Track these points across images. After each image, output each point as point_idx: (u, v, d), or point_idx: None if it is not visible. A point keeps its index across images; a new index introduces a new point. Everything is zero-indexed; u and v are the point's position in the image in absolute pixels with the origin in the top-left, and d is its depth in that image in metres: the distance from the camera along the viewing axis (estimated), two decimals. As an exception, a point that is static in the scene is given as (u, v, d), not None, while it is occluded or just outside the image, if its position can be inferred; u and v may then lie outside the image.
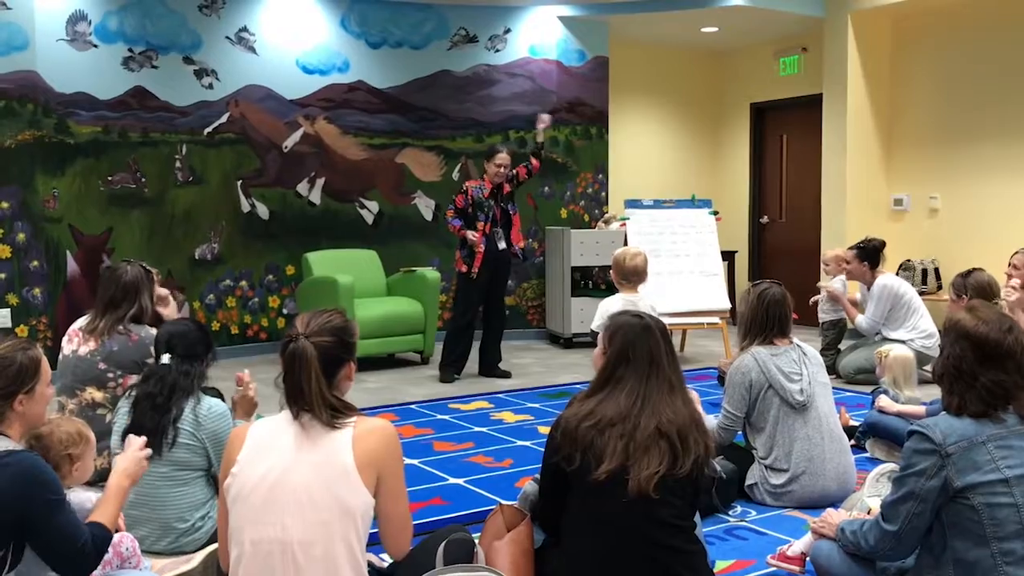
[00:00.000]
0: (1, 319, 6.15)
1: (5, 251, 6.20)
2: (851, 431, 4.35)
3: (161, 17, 6.93)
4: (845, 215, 8.15)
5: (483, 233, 6.32)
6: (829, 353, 6.25)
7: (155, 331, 3.44)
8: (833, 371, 6.03)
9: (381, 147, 7.95)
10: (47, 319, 6.35)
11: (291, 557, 2.12)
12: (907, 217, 8.25)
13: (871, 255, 6.12)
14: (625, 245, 7.39)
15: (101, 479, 3.66)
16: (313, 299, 6.83)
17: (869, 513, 2.78)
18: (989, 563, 2.22)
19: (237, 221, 7.41)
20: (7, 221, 6.21)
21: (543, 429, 4.81)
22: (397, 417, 5.30)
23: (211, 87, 7.20)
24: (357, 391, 2.22)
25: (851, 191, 8.17)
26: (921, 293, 6.60)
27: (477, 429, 5.05)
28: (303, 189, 7.68)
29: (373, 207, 7.98)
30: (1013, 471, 2.25)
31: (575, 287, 7.84)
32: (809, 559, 2.83)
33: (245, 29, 7.33)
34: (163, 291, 4.49)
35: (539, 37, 8.20)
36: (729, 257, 8.97)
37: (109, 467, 3.30)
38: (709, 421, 3.82)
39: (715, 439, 3.75)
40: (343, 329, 2.30)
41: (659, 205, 7.73)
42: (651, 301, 4.98)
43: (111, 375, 3.90)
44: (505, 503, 2.81)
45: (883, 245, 6.17)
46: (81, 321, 4.05)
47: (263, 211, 7.52)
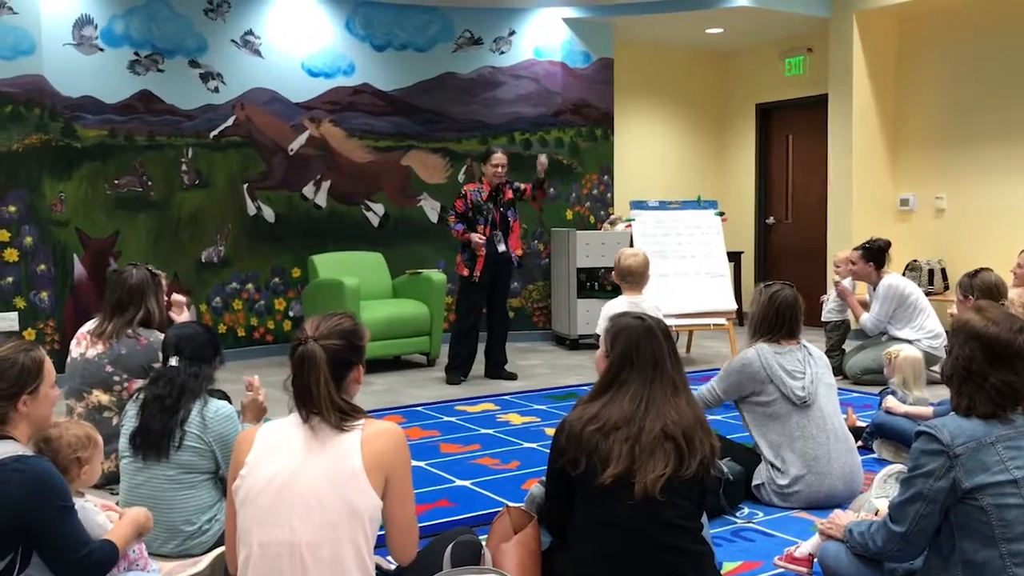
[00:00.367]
0: (9, 322, 6.17)
1: (13, 255, 6.22)
2: (858, 432, 4.34)
3: (167, 21, 6.95)
4: (851, 215, 8.14)
5: (483, 235, 6.33)
6: (834, 354, 6.25)
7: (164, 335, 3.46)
8: (839, 372, 6.02)
9: (386, 149, 7.96)
10: (54, 322, 6.37)
11: (299, 559, 2.13)
12: (913, 217, 8.23)
13: (876, 255, 6.11)
14: (631, 246, 7.39)
15: (108, 482, 3.68)
16: (319, 301, 6.84)
17: (877, 514, 2.77)
18: (998, 564, 2.21)
19: (243, 224, 7.42)
20: (14, 225, 6.23)
21: (550, 431, 4.80)
22: (403, 419, 5.30)
23: (217, 90, 7.22)
24: (363, 393, 2.22)
25: (857, 191, 8.16)
26: (928, 293, 6.59)
27: (484, 431, 5.05)
28: (309, 192, 7.70)
29: (379, 209, 7.99)
30: (1022, 472, 2.24)
31: (581, 288, 7.83)
32: (817, 560, 2.83)
33: (250, 32, 7.34)
34: (181, 298, 4.52)
35: (544, 39, 8.20)
36: (735, 258, 8.96)
37: (116, 470, 3.32)
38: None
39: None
40: (352, 332, 2.30)
41: (665, 206, 7.73)
42: (655, 302, 4.98)
43: (117, 378, 3.91)
44: (512, 505, 2.81)
45: (888, 245, 6.16)
46: (89, 324, 4.06)
47: (269, 214, 7.53)
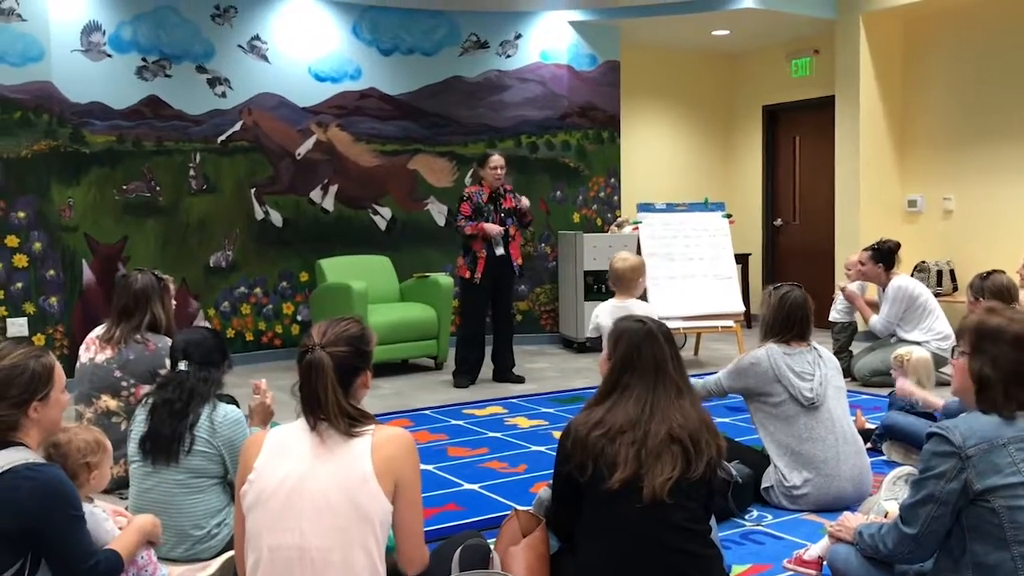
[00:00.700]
0: (18, 328, 6.19)
1: (22, 260, 6.25)
2: (867, 434, 4.33)
3: (174, 27, 6.97)
4: (859, 217, 8.12)
5: (483, 238, 6.32)
6: (842, 356, 6.23)
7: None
8: (847, 374, 6.00)
9: (393, 153, 7.97)
10: (63, 328, 6.39)
11: (309, 563, 2.12)
12: (921, 218, 8.20)
13: (886, 256, 6.10)
14: (638, 249, 7.39)
15: (117, 487, 3.70)
16: (327, 305, 6.85)
17: (886, 516, 2.76)
18: (1009, 566, 2.20)
19: (251, 229, 7.44)
20: (23, 231, 6.25)
21: (557, 434, 4.78)
22: (411, 423, 5.31)
23: (224, 95, 7.24)
24: (370, 397, 2.22)
25: (864, 193, 8.14)
26: (936, 295, 6.56)
27: (491, 434, 5.05)
28: (316, 196, 7.71)
29: (386, 213, 8.00)
30: (1034, 474, 2.23)
31: (588, 291, 7.82)
32: (826, 563, 2.82)
33: (257, 37, 7.36)
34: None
35: (550, 42, 8.20)
36: (743, 260, 8.95)
37: (125, 475, 3.33)
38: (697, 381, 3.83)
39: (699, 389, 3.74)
40: (359, 338, 2.30)
41: (672, 209, 7.72)
42: (647, 307, 4.92)
43: (125, 383, 3.92)
44: (520, 509, 2.81)
45: (898, 247, 6.15)
46: (98, 330, 4.08)
47: (277, 218, 7.55)
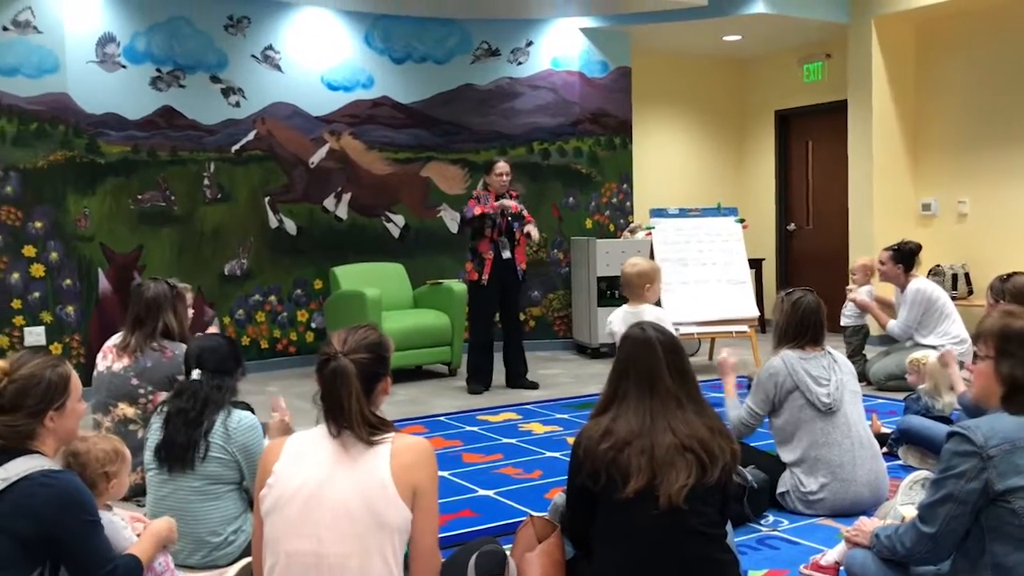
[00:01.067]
0: (36, 337, 6.24)
1: (39, 270, 6.29)
2: (883, 438, 4.31)
3: (188, 37, 7.02)
4: (872, 221, 8.09)
5: (490, 240, 6.34)
6: (856, 360, 6.19)
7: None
8: (862, 378, 5.97)
9: (406, 161, 8.00)
10: (80, 336, 6.43)
11: (327, 570, 2.13)
12: (935, 222, 8.17)
13: (907, 257, 6.05)
14: (652, 255, 7.38)
15: (135, 494, 3.71)
16: (341, 313, 6.88)
17: (903, 521, 2.75)
18: (1028, 568, 2.19)
19: (265, 237, 7.47)
20: (40, 240, 6.30)
21: (571, 440, 4.79)
22: (426, 429, 5.31)
23: (238, 105, 7.28)
24: (385, 403, 2.24)
25: (878, 197, 8.11)
26: (952, 299, 6.52)
27: (506, 440, 5.06)
28: (330, 204, 7.74)
29: (399, 221, 8.02)
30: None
31: (601, 297, 7.82)
32: (843, 568, 2.81)
33: (270, 47, 7.41)
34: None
35: (561, 49, 8.22)
36: (756, 265, 8.93)
37: (143, 483, 3.35)
38: (733, 409, 3.83)
39: (734, 431, 3.75)
40: (379, 345, 2.31)
41: (685, 214, 7.72)
42: (659, 313, 4.89)
43: (142, 391, 3.95)
44: (536, 515, 2.81)
45: (919, 248, 6.10)
46: (115, 338, 4.11)
47: (291, 227, 7.58)
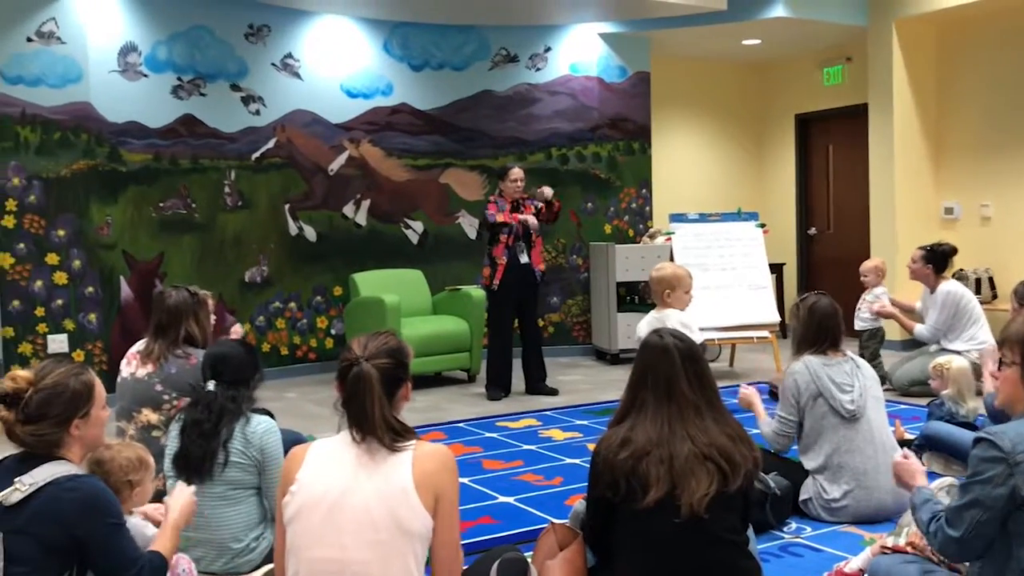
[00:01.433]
0: (59, 344, 6.29)
1: (62, 278, 6.35)
2: (907, 444, 4.27)
3: (208, 46, 7.08)
4: (895, 225, 8.03)
5: (505, 245, 6.34)
6: (875, 364, 6.11)
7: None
8: (883, 382, 5.91)
9: (425, 168, 8.02)
10: (102, 344, 6.48)
11: (350, 576, 2.13)
12: (958, 226, 8.09)
13: (939, 259, 5.97)
14: (671, 260, 7.35)
15: (156, 499, 3.73)
16: (360, 319, 6.89)
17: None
18: (1055, 576, 2.16)
19: (285, 244, 7.51)
20: (63, 248, 6.36)
21: (592, 446, 4.79)
22: (445, 436, 5.32)
23: (258, 113, 7.33)
24: (405, 410, 2.24)
25: (900, 200, 8.05)
26: (977, 303, 6.47)
27: (526, 447, 5.05)
28: (349, 211, 7.77)
29: (418, 227, 8.04)
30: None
31: (620, 302, 7.81)
32: (867, 576, 2.79)
33: (290, 55, 7.45)
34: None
35: (580, 55, 8.22)
36: (777, 270, 8.89)
37: (164, 489, 3.37)
38: (767, 426, 3.81)
39: (773, 446, 3.74)
40: (399, 350, 2.32)
41: (704, 219, 7.69)
42: (683, 318, 4.88)
43: (166, 397, 3.96)
44: (557, 522, 2.80)
45: (954, 252, 6.00)
46: (139, 345, 4.13)
47: (310, 233, 7.62)
